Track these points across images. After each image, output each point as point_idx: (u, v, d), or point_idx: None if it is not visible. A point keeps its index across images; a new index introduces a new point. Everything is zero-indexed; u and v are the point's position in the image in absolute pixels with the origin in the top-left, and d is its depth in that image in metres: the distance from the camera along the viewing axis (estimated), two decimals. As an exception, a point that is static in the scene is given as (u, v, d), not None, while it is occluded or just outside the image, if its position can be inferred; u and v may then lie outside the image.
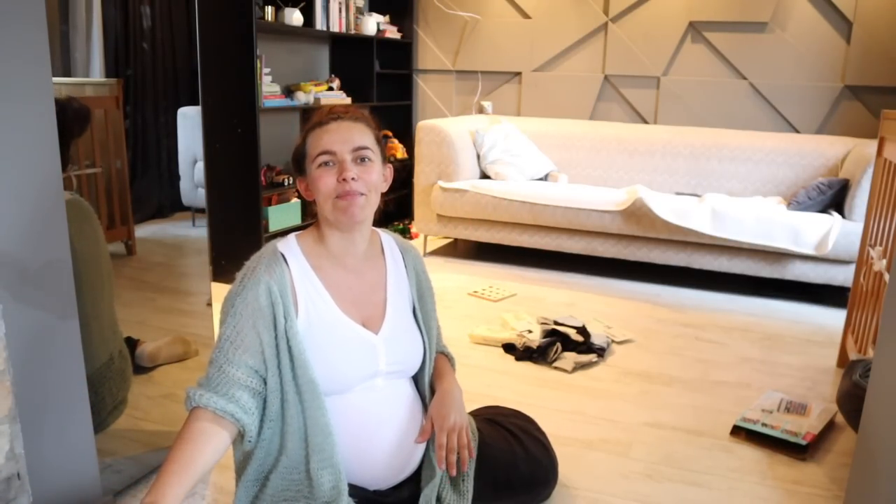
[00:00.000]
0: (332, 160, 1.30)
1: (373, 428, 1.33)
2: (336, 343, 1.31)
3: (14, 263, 1.29)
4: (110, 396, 1.67)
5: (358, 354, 1.33)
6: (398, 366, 1.38)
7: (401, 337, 1.40)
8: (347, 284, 1.36)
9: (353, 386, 1.32)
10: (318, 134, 1.33)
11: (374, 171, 1.32)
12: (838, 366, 2.57)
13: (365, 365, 1.33)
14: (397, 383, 1.39)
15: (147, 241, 1.89)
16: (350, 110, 1.38)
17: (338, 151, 1.30)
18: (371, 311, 1.38)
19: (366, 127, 1.36)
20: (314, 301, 1.31)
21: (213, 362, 1.25)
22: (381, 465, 1.34)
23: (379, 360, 1.34)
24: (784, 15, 3.88)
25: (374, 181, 1.32)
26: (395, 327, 1.39)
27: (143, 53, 1.79)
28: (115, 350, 1.74)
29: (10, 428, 1.30)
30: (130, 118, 1.77)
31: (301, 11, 3.71)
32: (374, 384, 1.35)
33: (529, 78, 4.52)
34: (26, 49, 1.27)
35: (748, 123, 4.03)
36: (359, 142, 1.31)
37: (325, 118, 1.34)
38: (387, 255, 1.46)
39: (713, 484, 1.79)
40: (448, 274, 3.65)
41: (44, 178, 1.33)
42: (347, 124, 1.33)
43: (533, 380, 2.40)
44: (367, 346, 1.34)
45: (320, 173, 1.30)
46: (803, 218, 3.19)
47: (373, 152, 1.33)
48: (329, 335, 1.30)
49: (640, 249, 3.52)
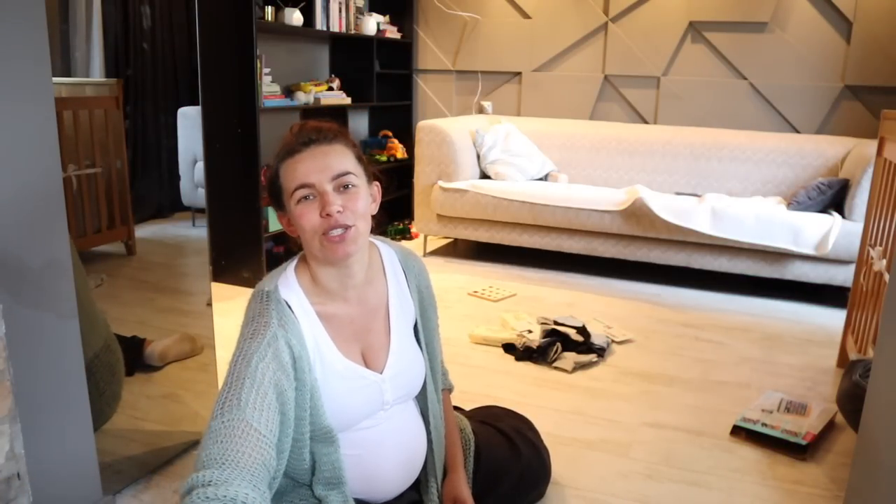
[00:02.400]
0: (312, 193, 1.16)
1: (378, 451, 1.31)
2: (344, 389, 1.25)
3: (14, 263, 1.29)
4: (96, 391, 1.66)
5: (364, 396, 1.27)
6: (402, 390, 1.34)
7: (405, 369, 1.33)
8: (349, 319, 1.28)
9: (360, 422, 1.29)
10: (291, 165, 1.18)
11: (360, 198, 1.19)
12: (838, 366, 2.57)
13: (372, 404, 1.29)
14: (402, 406, 1.36)
15: (147, 241, 1.89)
16: (322, 129, 1.22)
17: (316, 183, 1.16)
18: (373, 340, 1.31)
19: (343, 147, 1.21)
20: (321, 351, 1.23)
21: (229, 434, 1.04)
22: (387, 483, 1.33)
23: (385, 396, 1.30)
24: (784, 15, 3.88)
25: (360, 209, 1.19)
26: (399, 359, 1.32)
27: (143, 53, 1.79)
28: (100, 346, 1.73)
29: (10, 428, 1.29)
30: (130, 118, 1.77)
31: (301, 11, 3.71)
32: (378, 417, 1.31)
33: (529, 78, 4.52)
34: (26, 49, 1.27)
35: (748, 123, 4.03)
36: (338, 168, 1.17)
37: (296, 145, 1.19)
38: (388, 274, 1.36)
39: (713, 484, 1.79)
40: (448, 274, 3.65)
41: (44, 178, 1.33)
42: (322, 149, 1.18)
43: (533, 380, 2.39)
44: (374, 387, 1.28)
45: (301, 210, 1.17)
46: (803, 218, 3.19)
47: (356, 176, 1.20)
48: (338, 383, 1.24)
49: (640, 249, 3.52)
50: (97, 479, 1.51)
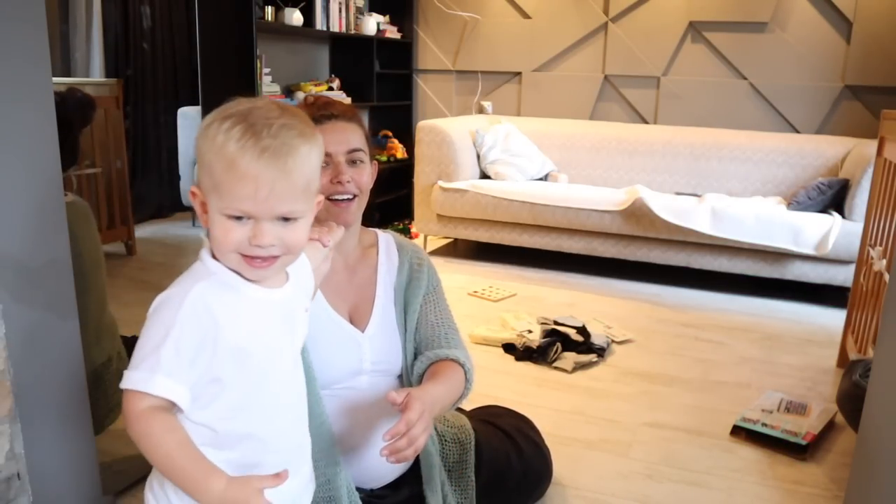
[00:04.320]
0: (327, 161, 1.27)
1: (360, 425, 1.32)
2: (326, 340, 1.31)
3: (14, 263, 1.29)
4: (105, 399, 1.67)
5: (343, 349, 1.33)
6: (382, 365, 1.38)
7: (386, 336, 1.39)
8: (338, 278, 1.36)
9: (338, 380, 1.32)
10: None
11: (365, 173, 1.32)
12: (838, 366, 2.57)
13: (349, 361, 1.33)
14: (382, 382, 1.37)
15: (147, 241, 1.89)
16: (342, 108, 1.34)
17: (333, 153, 1.28)
18: (359, 303, 1.38)
19: (358, 127, 1.34)
20: None
21: None
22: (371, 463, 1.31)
23: (363, 358, 1.34)
24: (784, 15, 3.88)
25: (365, 183, 1.32)
26: (381, 325, 1.38)
27: (143, 53, 1.79)
28: (114, 352, 1.74)
29: (10, 428, 1.30)
30: (130, 118, 1.77)
31: (301, 11, 3.71)
32: (359, 382, 1.34)
33: (529, 78, 4.52)
34: (26, 49, 1.27)
35: (748, 123, 4.03)
36: (354, 143, 1.30)
37: (319, 116, 1.29)
38: (381, 253, 1.45)
39: (713, 484, 1.79)
40: (448, 274, 3.65)
41: (44, 178, 1.33)
42: (342, 124, 1.31)
43: (533, 380, 2.40)
44: (353, 342, 1.34)
45: None
46: (803, 218, 3.19)
47: (364, 153, 1.33)
48: (321, 332, 1.30)
49: (640, 249, 3.52)
50: (97, 479, 1.51)
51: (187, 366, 0.85)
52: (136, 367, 0.84)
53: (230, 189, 0.86)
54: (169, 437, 0.84)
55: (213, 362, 0.87)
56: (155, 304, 0.88)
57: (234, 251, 0.89)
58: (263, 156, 0.85)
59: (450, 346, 1.42)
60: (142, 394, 0.83)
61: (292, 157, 0.87)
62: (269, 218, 0.88)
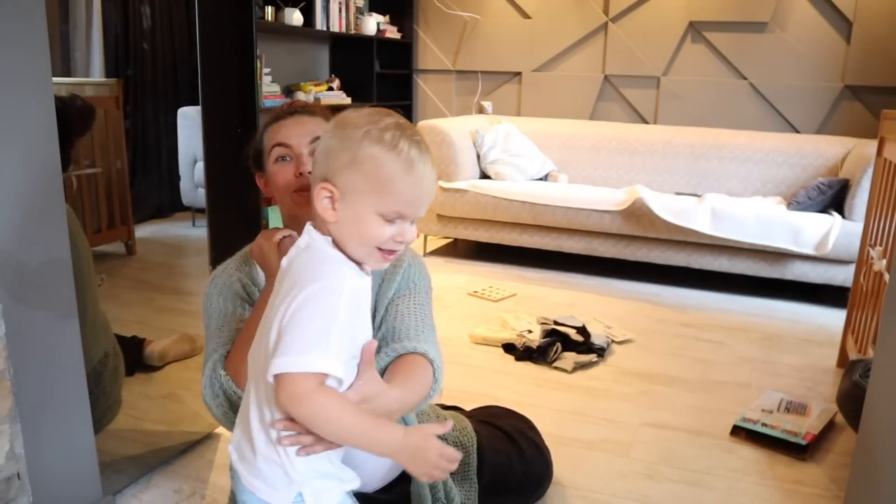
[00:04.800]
0: (289, 154, 1.30)
1: None
2: None
3: (14, 263, 1.29)
4: (104, 396, 1.67)
5: None
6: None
7: None
8: None
9: None
10: (274, 128, 1.33)
11: None
12: (838, 366, 2.57)
13: None
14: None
15: (147, 241, 1.89)
16: (307, 106, 1.37)
17: (294, 145, 1.29)
18: None
19: (322, 120, 1.34)
20: None
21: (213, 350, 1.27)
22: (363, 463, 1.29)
23: None
24: (784, 15, 3.88)
25: None
26: None
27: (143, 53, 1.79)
28: (110, 347, 1.74)
29: (10, 428, 1.30)
30: (130, 118, 1.77)
31: (301, 11, 3.71)
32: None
33: (529, 78, 4.52)
34: (26, 49, 1.27)
35: (748, 123, 4.03)
36: (315, 133, 1.30)
37: (282, 113, 1.35)
38: None
39: (713, 484, 1.79)
40: (448, 274, 3.65)
41: (44, 178, 1.33)
42: (304, 118, 1.33)
43: (533, 380, 2.40)
44: None
45: (278, 168, 1.30)
46: (803, 218, 3.19)
47: None
48: None
49: (640, 249, 3.52)
50: (97, 479, 1.51)
51: (346, 346, 0.95)
52: (306, 351, 0.90)
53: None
54: (343, 405, 0.93)
55: (353, 342, 0.99)
56: (307, 293, 0.92)
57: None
58: (429, 165, 0.99)
59: (419, 339, 1.24)
60: (311, 375, 0.91)
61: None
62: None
